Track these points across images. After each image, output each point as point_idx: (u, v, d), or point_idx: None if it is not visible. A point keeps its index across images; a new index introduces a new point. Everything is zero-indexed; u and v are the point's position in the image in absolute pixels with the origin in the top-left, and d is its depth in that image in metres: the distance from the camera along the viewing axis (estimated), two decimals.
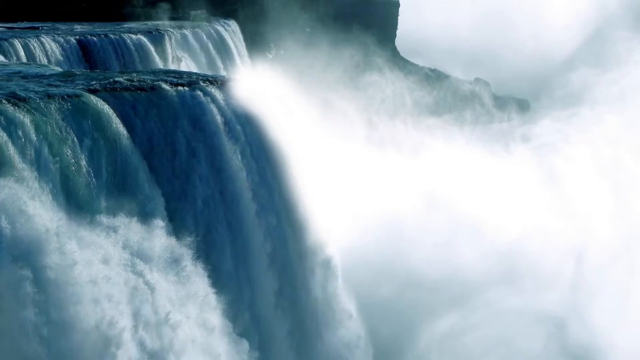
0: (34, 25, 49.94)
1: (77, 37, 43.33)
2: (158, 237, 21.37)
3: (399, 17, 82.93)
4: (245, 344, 23.10)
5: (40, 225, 18.07)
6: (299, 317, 26.16)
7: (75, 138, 20.70)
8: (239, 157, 24.55)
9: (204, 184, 23.59)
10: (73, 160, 20.43)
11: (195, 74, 29.07)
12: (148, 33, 47.45)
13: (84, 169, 20.67)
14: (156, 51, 45.79)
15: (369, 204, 36.00)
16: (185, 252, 21.95)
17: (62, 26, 50.07)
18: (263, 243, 25.01)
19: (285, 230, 25.82)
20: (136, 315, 19.64)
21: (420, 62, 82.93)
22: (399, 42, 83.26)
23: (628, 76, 63.75)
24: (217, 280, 22.86)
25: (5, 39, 39.28)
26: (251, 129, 25.12)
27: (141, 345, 19.65)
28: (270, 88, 27.98)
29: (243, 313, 23.94)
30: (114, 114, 22.03)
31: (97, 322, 18.61)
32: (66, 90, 22.58)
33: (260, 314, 24.76)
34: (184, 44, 51.26)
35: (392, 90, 71.82)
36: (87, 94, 22.25)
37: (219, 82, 25.45)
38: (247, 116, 25.14)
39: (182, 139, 23.32)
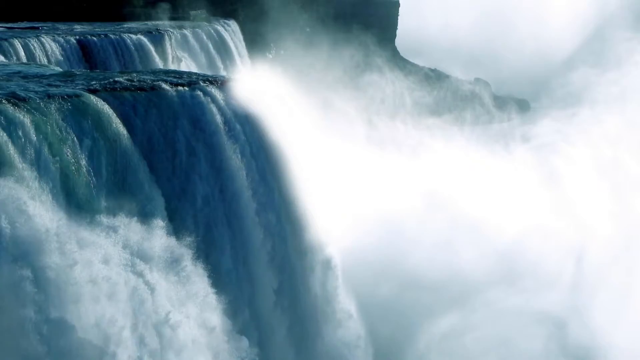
0: (34, 25, 49.96)
1: (77, 37, 43.33)
2: (158, 237, 21.37)
3: (399, 17, 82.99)
4: (244, 342, 23.11)
5: (40, 225, 18.06)
6: (298, 315, 26.18)
7: (75, 138, 20.69)
8: (239, 156, 24.55)
9: (204, 183, 23.59)
10: (73, 160, 20.43)
11: (195, 74, 29.06)
12: (148, 33, 47.46)
13: (84, 169, 20.67)
14: (156, 51, 45.80)
15: (369, 204, 35.98)
16: (185, 252, 21.94)
17: (62, 26, 50.10)
18: (263, 242, 25.02)
19: (285, 229, 25.82)
20: (136, 316, 19.64)
21: (420, 62, 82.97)
22: (399, 42, 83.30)
23: (628, 76, 63.65)
24: (217, 279, 22.87)
25: (5, 39, 39.27)
26: (251, 129, 25.12)
27: (141, 345, 19.65)
28: (270, 88, 27.97)
29: (243, 311, 23.96)
30: (114, 114, 22.02)
31: (97, 321, 18.60)
32: (66, 90, 22.58)
33: (260, 312, 24.80)
34: (184, 44, 51.27)
35: (392, 90, 71.88)
36: (87, 94, 22.25)
37: (219, 82, 25.45)
38: (247, 116, 25.14)
39: (182, 139, 23.31)
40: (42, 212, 18.38)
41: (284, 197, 25.88)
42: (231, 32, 58.97)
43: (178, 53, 49.20)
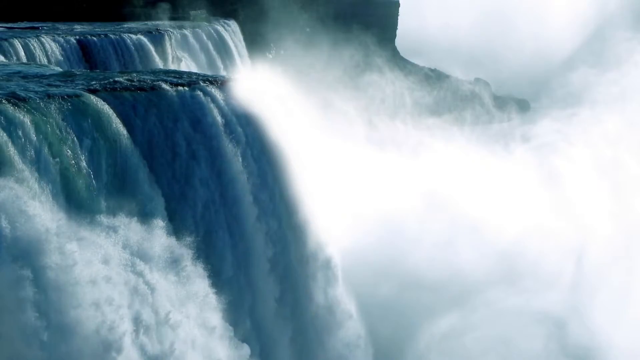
0: (34, 25, 49.97)
1: (77, 37, 43.34)
2: (158, 237, 21.35)
3: (399, 17, 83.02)
4: (246, 348, 23.14)
5: (40, 225, 18.05)
6: (300, 324, 26.24)
7: (75, 138, 20.68)
8: (239, 157, 24.54)
9: (204, 184, 23.59)
10: (73, 161, 20.42)
11: (195, 74, 29.07)
12: (148, 33, 47.48)
13: (84, 169, 20.66)
14: (156, 51, 45.81)
15: (369, 204, 35.98)
16: (185, 252, 21.93)
17: (62, 26, 50.12)
18: (264, 249, 25.04)
19: (286, 233, 25.83)
20: (136, 316, 19.63)
21: (420, 62, 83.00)
22: (399, 42, 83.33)
23: (628, 76, 63.67)
24: (217, 279, 22.87)
25: (5, 39, 39.27)
26: (251, 129, 25.12)
27: (141, 345, 19.64)
28: (270, 88, 27.96)
29: (243, 311, 24.01)
30: (114, 114, 22.02)
31: (97, 324, 18.60)
32: (66, 90, 22.57)
33: (261, 318, 24.85)
34: (184, 44, 51.29)
35: (392, 90, 71.89)
36: (87, 94, 22.24)
37: (219, 82, 25.44)
38: (247, 116, 25.13)
39: (182, 139, 23.31)
40: (42, 212, 18.37)
41: (284, 197, 25.87)
42: (231, 32, 58.99)
43: (178, 53, 49.21)
